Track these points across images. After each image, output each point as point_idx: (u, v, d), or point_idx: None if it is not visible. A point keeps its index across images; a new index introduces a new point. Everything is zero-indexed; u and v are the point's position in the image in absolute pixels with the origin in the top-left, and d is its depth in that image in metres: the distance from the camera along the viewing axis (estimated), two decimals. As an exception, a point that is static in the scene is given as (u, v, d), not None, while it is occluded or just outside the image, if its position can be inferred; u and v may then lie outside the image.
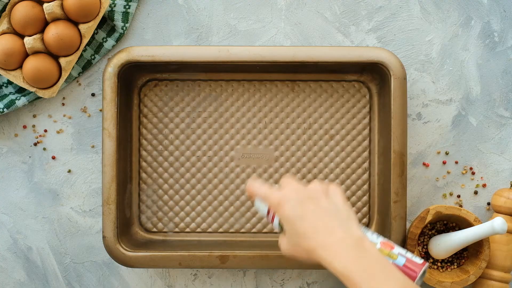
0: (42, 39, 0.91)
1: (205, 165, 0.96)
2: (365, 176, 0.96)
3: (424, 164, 0.96)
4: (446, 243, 0.89)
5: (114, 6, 0.94)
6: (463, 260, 0.93)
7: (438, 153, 0.96)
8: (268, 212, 0.78)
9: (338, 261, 0.67)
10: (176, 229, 0.96)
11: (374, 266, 0.67)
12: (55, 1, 0.90)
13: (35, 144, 0.97)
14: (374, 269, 0.67)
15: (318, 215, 0.71)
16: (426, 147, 0.96)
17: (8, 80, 0.95)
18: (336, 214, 0.71)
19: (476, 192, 0.96)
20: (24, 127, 0.97)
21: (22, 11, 0.91)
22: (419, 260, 0.75)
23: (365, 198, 0.95)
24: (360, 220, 0.95)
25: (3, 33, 0.92)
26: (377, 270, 0.67)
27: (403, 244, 0.91)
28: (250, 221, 0.96)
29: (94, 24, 0.92)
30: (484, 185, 0.96)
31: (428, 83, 0.96)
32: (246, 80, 0.96)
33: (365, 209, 0.95)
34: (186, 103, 0.96)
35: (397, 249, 0.76)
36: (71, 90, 0.97)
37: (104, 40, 0.95)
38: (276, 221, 0.77)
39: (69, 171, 0.97)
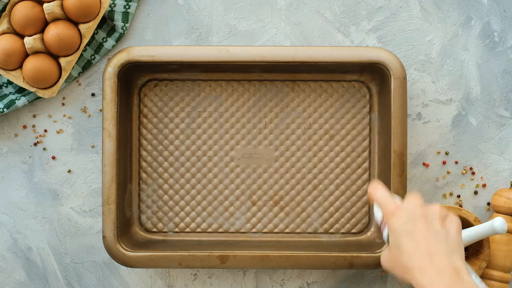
0: (42, 39, 0.92)
1: (205, 165, 0.96)
2: (365, 176, 0.96)
3: (424, 164, 0.96)
4: (446, 243, 0.89)
5: (114, 6, 0.94)
6: (463, 260, 0.93)
7: (438, 153, 0.96)
8: (382, 221, 0.77)
9: (432, 284, 0.66)
10: (176, 229, 0.96)
11: None
12: (55, 1, 0.90)
13: (35, 144, 0.97)
14: None
15: (426, 237, 0.70)
16: (426, 147, 0.96)
17: (8, 80, 0.95)
18: (444, 241, 0.70)
19: (476, 192, 0.96)
20: (24, 127, 0.97)
21: (22, 11, 0.91)
22: None
23: (365, 198, 0.95)
24: (360, 220, 0.95)
25: (3, 33, 0.92)
26: None
27: (403, 244, 0.91)
28: (250, 221, 0.96)
29: (94, 24, 0.92)
30: (484, 185, 0.96)
31: (428, 83, 0.96)
32: (246, 80, 0.96)
33: (365, 209, 0.95)
34: (186, 103, 0.96)
35: None
36: (71, 90, 0.97)
37: (104, 40, 0.96)
38: (385, 232, 0.75)
39: (69, 171, 0.97)
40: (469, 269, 0.71)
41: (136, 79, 0.95)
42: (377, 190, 0.76)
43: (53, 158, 0.97)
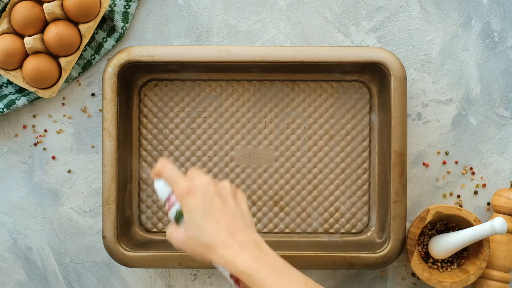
0: (42, 39, 0.92)
1: (205, 165, 0.96)
2: (365, 176, 0.96)
3: (424, 164, 0.96)
4: (446, 243, 0.89)
5: (114, 6, 0.94)
6: (463, 260, 0.93)
7: (438, 153, 0.96)
8: (168, 198, 0.76)
9: (240, 260, 0.69)
10: (176, 229, 0.96)
11: (277, 264, 0.70)
12: (55, 1, 0.90)
13: (35, 144, 0.97)
14: (277, 266, 0.70)
15: (224, 213, 0.72)
16: (426, 147, 0.96)
17: (8, 80, 0.95)
18: (241, 216, 0.73)
19: (476, 192, 0.96)
20: (24, 127, 0.97)
21: (22, 11, 0.91)
22: None
23: (365, 198, 0.95)
24: (360, 220, 0.95)
25: (3, 33, 0.92)
26: (280, 267, 0.70)
27: (403, 243, 0.91)
28: (250, 221, 0.96)
29: (94, 24, 0.92)
30: (484, 185, 0.96)
31: (428, 83, 0.96)
32: (246, 80, 0.96)
33: (365, 209, 0.96)
34: (186, 103, 0.96)
35: None
36: (71, 90, 0.97)
37: (104, 40, 0.95)
38: (174, 210, 0.75)
39: (69, 171, 0.97)
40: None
41: (136, 79, 0.95)
42: (167, 166, 0.76)
43: (53, 158, 0.97)
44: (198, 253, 0.72)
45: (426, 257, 0.92)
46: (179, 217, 0.74)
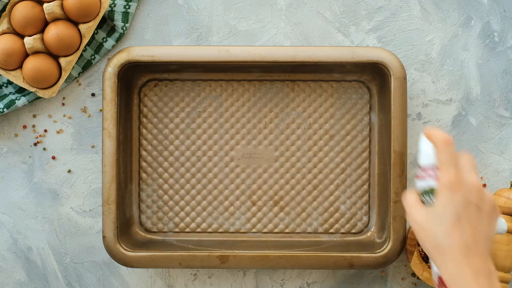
0: (42, 39, 0.92)
1: (205, 165, 0.96)
2: (365, 176, 0.96)
3: (424, 164, 0.96)
4: (446, 243, 0.89)
5: (114, 6, 0.94)
6: (463, 260, 0.93)
7: (438, 153, 0.96)
8: (427, 169, 0.71)
9: (464, 283, 0.65)
10: (176, 229, 0.96)
11: None
12: (55, 1, 0.91)
13: (35, 144, 0.97)
14: None
15: (473, 227, 0.68)
16: (426, 147, 0.96)
17: (8, 80, 0.95)
18: (485, 239, 0.69)
19: (476, 192, 0.96)
20: (24, 127, 0.97)
21: (22, 11, 0.91)
22: None
23: (365, 198, 0.96)
24: (360, 220, 0.95)
25: (3, 33, 0.92)
26: None
27: (403, 243, 0.91)
28: (250, 221, 0.96)
29: (94, 24, 0.92)
30: (484, 185, 0.96)
31: (428, 83, 0.96)
32: (246, 80, 0.96)
33: (365, 209, 0.96)
34: (186, 103, 0.96)
35: None
36: (71, 90, 0.97)
37: (104, 40, 0.96)
38: (427, 183, 0.70)
39: (69, 171, 0.97)
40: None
41: (136, 79, 0.95)
42: (449, 146, 0.70)
43: (53, 158, 0.97)
44: (425, 244, 0.68)
45: (426, 257, 0.92)
46: (428, 193, 0.69)
